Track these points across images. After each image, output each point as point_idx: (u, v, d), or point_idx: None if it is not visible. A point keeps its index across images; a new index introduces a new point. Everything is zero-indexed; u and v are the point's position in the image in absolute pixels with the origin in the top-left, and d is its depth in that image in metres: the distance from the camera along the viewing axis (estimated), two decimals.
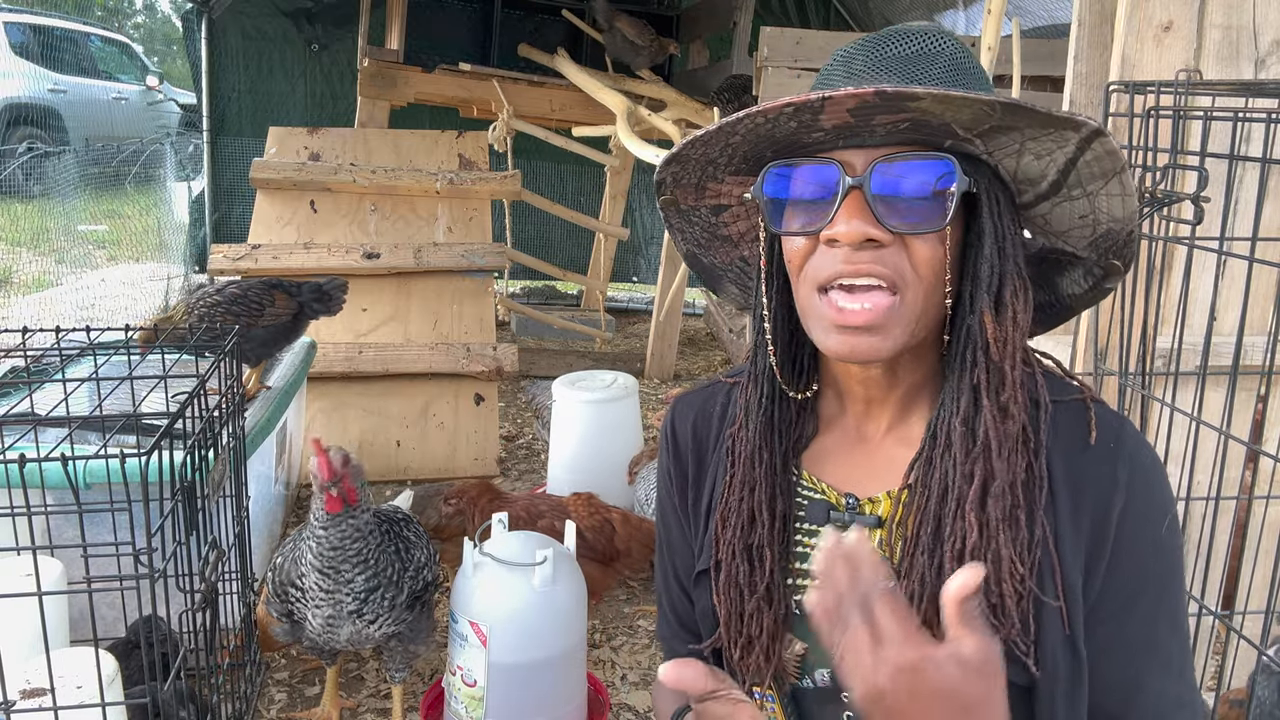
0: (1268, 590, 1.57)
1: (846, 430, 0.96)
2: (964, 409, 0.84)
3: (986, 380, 0.83)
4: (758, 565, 0.92)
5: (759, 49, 3.54)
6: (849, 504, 0.92)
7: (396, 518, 2.10)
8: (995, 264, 0.83)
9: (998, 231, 0.83)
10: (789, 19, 6.08)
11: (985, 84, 0.85)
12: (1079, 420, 0.87)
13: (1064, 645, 0.83)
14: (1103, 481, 0.85)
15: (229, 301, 2.69)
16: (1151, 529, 0.86)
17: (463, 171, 4.32)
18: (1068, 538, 0.84)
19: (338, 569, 1.89)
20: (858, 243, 0.80)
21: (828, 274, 0.82)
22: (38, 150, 6.22)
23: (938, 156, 0.80)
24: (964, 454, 0.83)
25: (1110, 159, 0.77)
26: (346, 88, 5.84)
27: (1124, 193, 0.80)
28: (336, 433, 3.58)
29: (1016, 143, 0.79)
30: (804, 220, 0.83)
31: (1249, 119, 1.59)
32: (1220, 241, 1.57)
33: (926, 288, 0.82)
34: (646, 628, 2.68)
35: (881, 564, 0.76)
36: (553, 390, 3.20)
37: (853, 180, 0.80)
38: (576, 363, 4.93)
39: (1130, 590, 0.85)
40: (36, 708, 1.49)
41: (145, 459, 1.48)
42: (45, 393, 2.37)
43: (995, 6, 2.20)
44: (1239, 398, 1.70)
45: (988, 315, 0.82)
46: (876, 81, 0.81)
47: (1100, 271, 0.88)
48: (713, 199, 0.94)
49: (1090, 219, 0.84)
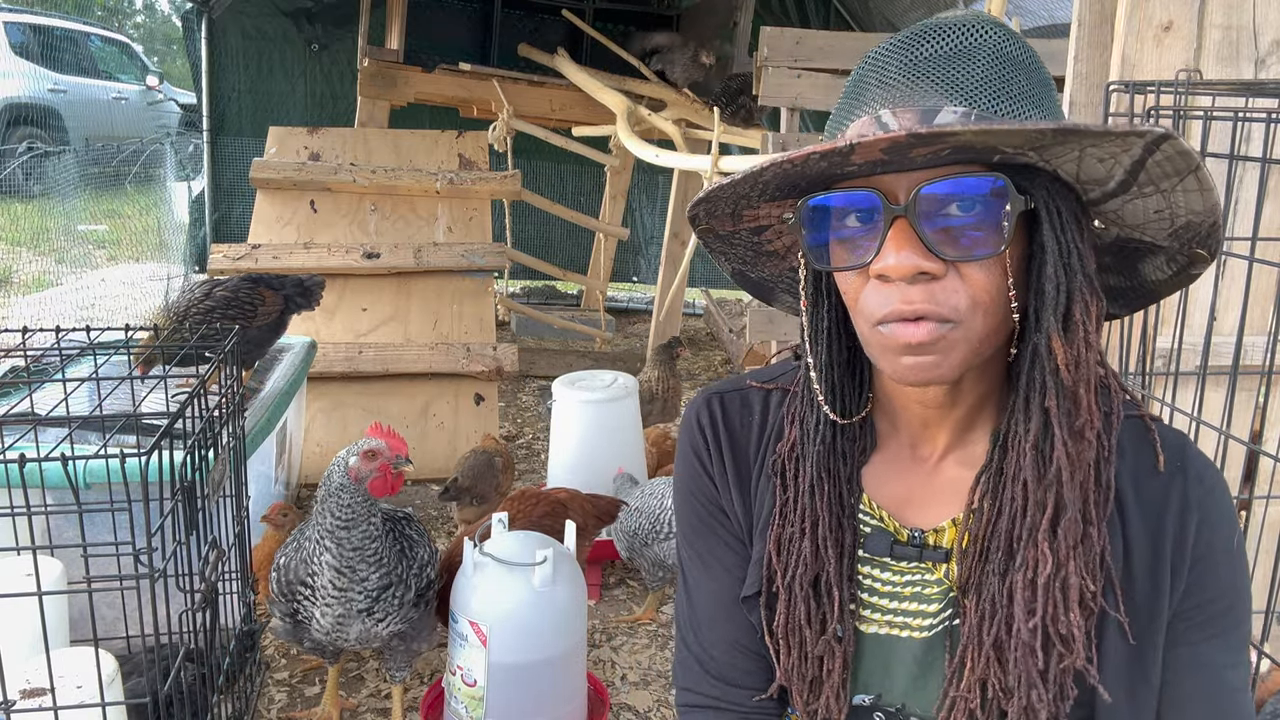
0: (1268, 590, 1.57)
1: (900, 449, 0.91)
2: (1034, 433, 0.79)
3: (1058, 405, 0.78)
4: (826, 603, 0.87)
5: (759, 49, 3.54)
6: (913, 538, 0.88)
7: (397, 516, 2.11)
8: (1061, 281, 0.76)
9: (1061, 247, 0.77)
10: (789, 19, 6.08)
11: (1039, 73, 0.78)
12: (1143, 441, 0.85)
13: (1128, 666, 0.82)
14: (1174, 504, 0.83)
15: (223, 305, 2.65)
16: (1225, 545, 0.85)
17: (463, 171, 4.32)
18: (1144, 560, 0.83)
19: (354, 568, 1.91)
20: (909, 276, 0.75)
21: (883, 312, 0.76)
22: (38, 150, 6.22)
23: (987, 174, 0.74)
24: (1036, 480, 0.79)
25: (1182, 159, 0.71)
26: (346, 88, 5.84)
27: (1202, 188, 0.73)
28: (336, 433, 3.58)
29: (1075, 150, 0.73)
30: (849, 253, 0.78)
31: (1249, 119, 1.59)
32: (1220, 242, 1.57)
33: (987, 313, 0.77)
34: (646, 628, 2.68)
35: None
36: (553, 390, 3.20)
37: (896, 208, 0.74)
38: (576, 363, 4.93)
39: (1215, 606, 0.85)
40: (36, 708, 1.49)
41: (145, 459, 1.48)
42: (45, 393, 2.37)
43: (995, 6, 2.20)
44: (1239, 398, 1.70)
45: (1056, 339, 0.77)
46: (916, 90, 0.76)
47: (1184, 259, 0.82)
48: (750, 222, 0.89)
49: (1167, 213, 0.77)
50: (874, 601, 0.89)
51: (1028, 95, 0.76)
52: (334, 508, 1.90)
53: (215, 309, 2.64)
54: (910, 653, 0.88)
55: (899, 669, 0.88)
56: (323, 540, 1.91)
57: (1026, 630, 0.79)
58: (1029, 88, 0.77)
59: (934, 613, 0.87)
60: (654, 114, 4.34)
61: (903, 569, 0.89)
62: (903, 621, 0.88)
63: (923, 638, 0.88)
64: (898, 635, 0.88)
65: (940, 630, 0.87)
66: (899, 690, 0.89)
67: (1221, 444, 1.58)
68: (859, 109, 0.79)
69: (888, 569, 0.89)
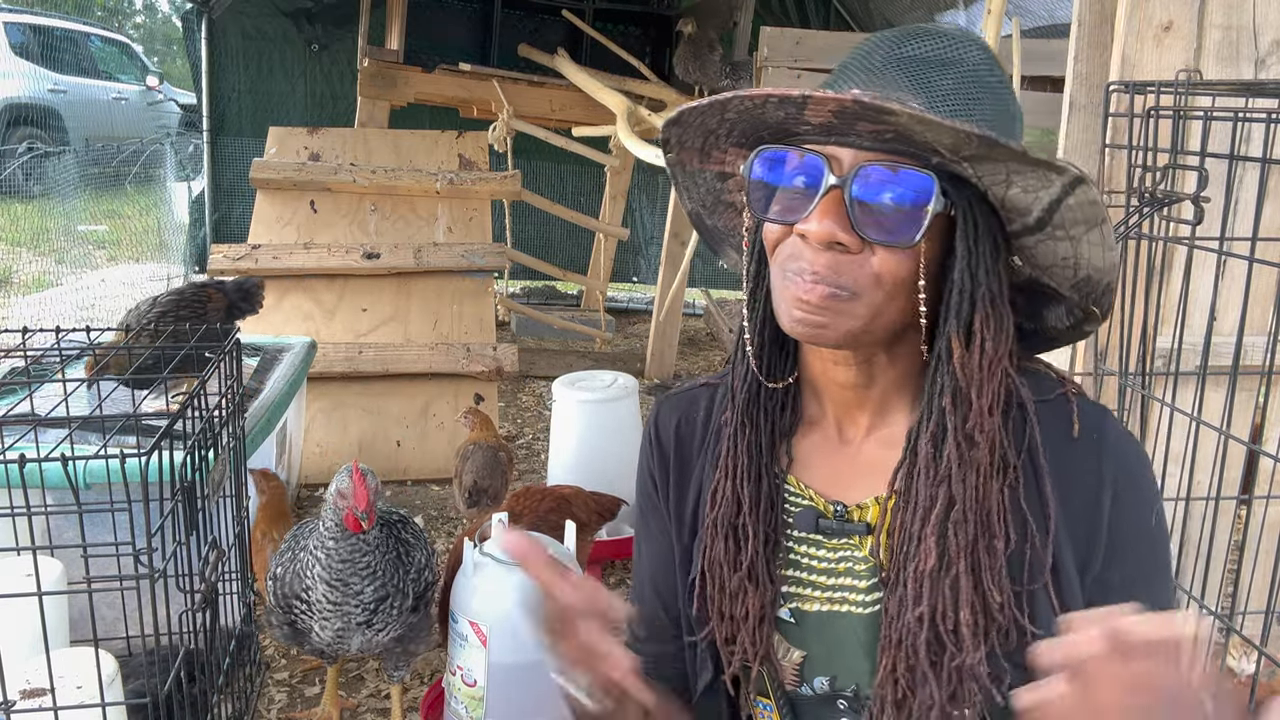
0: (1268, 590, 1.57)
1: (828, 433, 0.96)
2: (932, 428, 0.83)
3: (953, 405, 0.82)
4: (742, 544, 0.92)
5: (759, 49, 3.54)
6: (837, 512, 0.92)
7: (393, 519, 2.09)
8: (966, 289, 0.82)
9: (970, 256, 0.81)
10: (789, 19, 6.08)
11: (1005, 99, 0.83)
12: (1061, 413, 0.87)
13: None
14: (1088, 476, 0.85)
15: (173, 308, 2.58)
16: (1141, 523, 0.86)
17: (463, 171, 4.32)
18: (1061, 539, 0.84)
19: (346, 582, 1.88)
20: (825, 244, 0.80)
21: (793, 265, 0.82)
22: (38, 150, 6.23)
23: (921, 171, 0.78)
24: (929, 475, 0.83)
25: (1091, 208, 0.77)
26: (346, 88, 5.84)
27: (1104, 244, 0.80)
28: (336, 432, 3.58)
29: (1003, 174, 0.78)
30: (785, 208, 0.83)
31: (1249, 119, 1.59)
32: (1220, 241, 1.57)
33: (888, 295, 0.81)
34: None
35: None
36: (553, 390, 3.20)
37: (836, 179, 0.79)
38: (576, 363, 4.93)
39: (1126, 585, 0.85)
40: (36, 708, 1.49)
41: (145, 459, 1.48)
42: (45, 393, 2.37)
43: (995, 6, 2.20)
44: (1239, 398, 1.70)
45: (955, 342, 0.82)
46: (889, 80, 0.80)
47: (1080, 314, 0.88)
48: (717, 165, 0.94)
49: (1072, 261, 0.83)
50: (812, 579, 0.93)
51: (988, 120, 0.80)
52: (326, 518, 1.89)
53: (166, 313, 2.57)
54: (854, 632, 0.91)
55: (846, 648, 0.91)
56: (314, 552, 1.90)
57: (913, 619, 0.82)
58: (991, 114, 0.81)
59: (864, 589, 0.90)
60: (654, 114, 4.33)
61: (834, 545, 0.92)
62: (841, 597, 0.92)
63: (862, 614, 0.91)
64: (838, 611, 0.92)
65: (877, 611, 0.89)
66: (851, 672, 0.91)
67: (1221, 444, 1.58)
68: (837, 85, 0.85)
69: (821, 546, 0.93)
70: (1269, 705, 0.67)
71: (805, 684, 0.93)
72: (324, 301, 3.85)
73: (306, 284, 3.86)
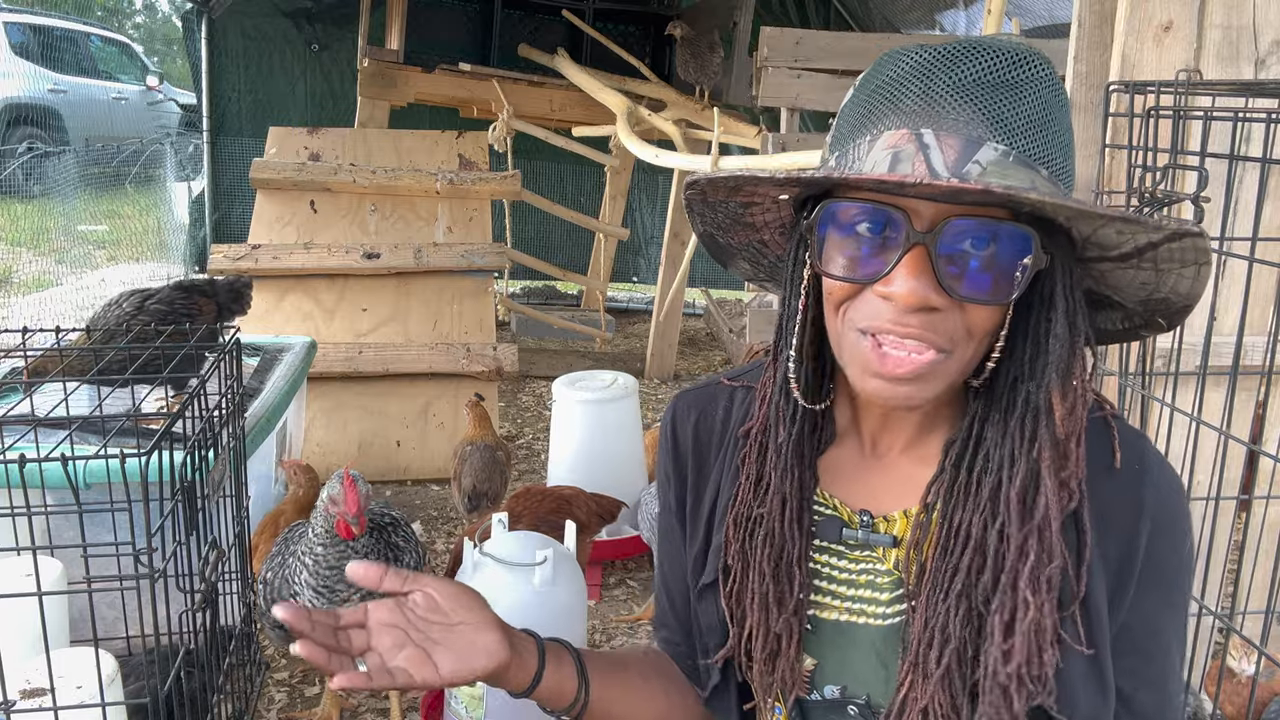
0: (1268, 590, 1.57)
1: (860, 444, 0.93)
2: (1021, 482, 0.79)
3: (1050, 457, 0.78)
4: (787, 584, 0.89)
5: (759, 49, 3.54)
6: (863, 521, 0.90)
7: (383, 522, 2.08)
8: (1065, 340, 0.77)
9: (1069, 306, 0.77)
10: (789, 19, 6.08)
11: (1069, 120, 0.78)
12: (1101, 440, 0.85)
13: (1088, 675, 0.82)
14: (1128, 507, 0.83)
15: (159, 319, 2.32)
16: (1176, 555, 0.84)
17: (463, 171, 4.31)
18: (1094, 563, 0.82)
19: (333, 588, 1.86)
20: (916, 307, 0.74)
21: (874, 325, 0.77)
22: (38, 150, 6.22)
23: (1018, 226, 0.74)
24: (1018, 526, 0.78)
25: (1197, 253, 0.73)
26: (346, 88, 5.84)
27: (1197, 279, 0.76)
28: (336, 432, 3.58)
29: (1099, 221, 0.74)
30: (853, 263, 0.77)
31: (1249, 119, 1.58)
32: (1220, 242, 1.57)
33: (977, 347, 0.78)
34: (646, 627, 2.68)
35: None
36: (553, 390, 3.20)
37: (919, 235, 0.73)
38: (576, 363, 4.93)
39: (1158, 616, 0.85)
40: (36, 708, 1.49)
41: (145, 459, 1.48)
42: (45, 393, 2.36)
43: (995, 6, 2.20)
44: (1239, 398, 1.70)
45: (1057, 395, 0.77)
46: (956, 112, 0.73)
47: (1140, 321, 0.85)
48: (744, 198, 0.89)
49: (1151, 286, 0.79)
50: (831, 588, 0.92)
51: (1059, 141, 0.76)
52: (316, 525, 1.88)
53: (150, 324, 2.30)
54: (870, 641, 0.90)
55: (861, 658, 0.90)
56: (303, 558, 1.89)
57: (1004, 674, 0.79)
58: (1062, 133, 0.77)
59: (885, 601, 0.89)
60: (654, 114, 4.34)
61: (856, 557, 0.91)
62: (859, 609, 0.90)
63: (879, 626, 0.89)
64: (855, 622, 0.91)
65: (896, 623, 0.88)
66: (863, 681, 0.90)
67: (1221, 444, 1.58)
68: (893, 115, 0.76)
69: (843, 557, 0.92)
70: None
71: (815, 690, 0.93)
72: (324, 301, 3.85)
73: (306, 284, 3.86)
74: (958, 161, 0.72)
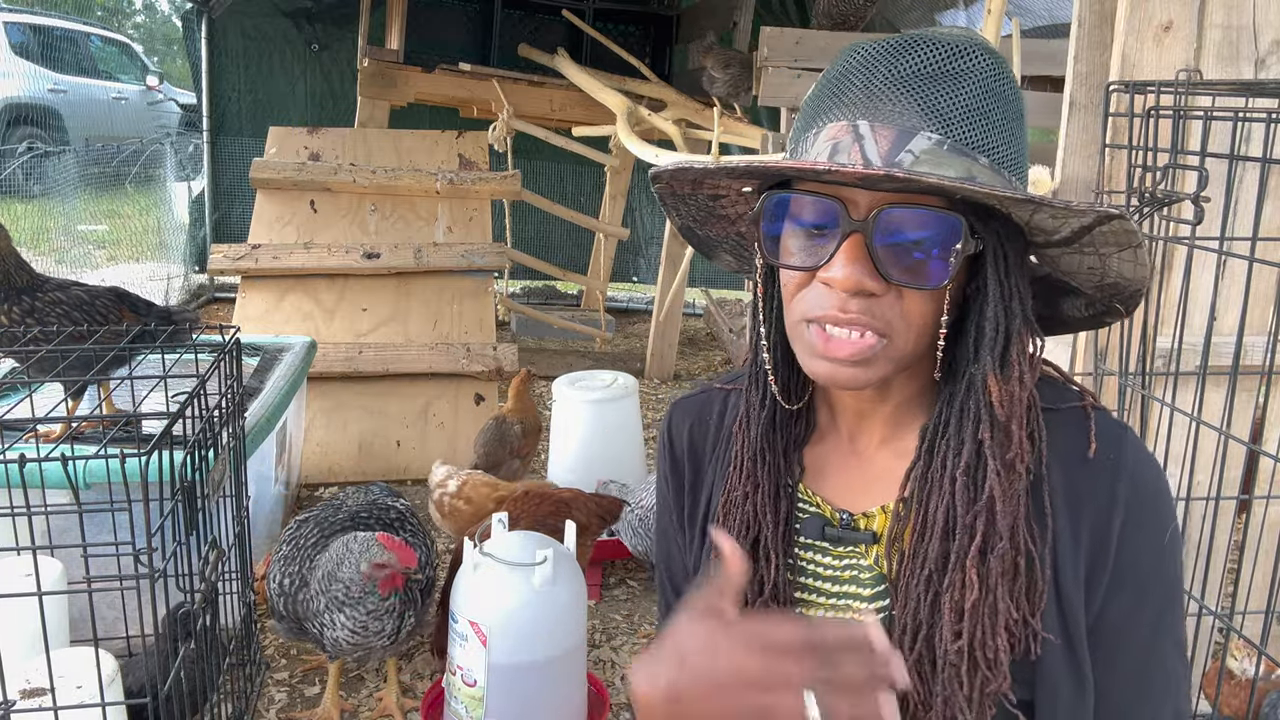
0: (1268, 590, 1.58)
1: (839, 442, 0.95)
2: (966, 460, 0.81)
3: (991, 437, 0.80)
4: (764, 565, 0.91)
5: (759, 49, 3.54)
6: (843, 520, 0.92)
7: (389, 518, 2.10)
8: (1000, 323, 0.80)
9: (1003, 290, 0.80)
10: (789, 19, 6.07)
11: (1015, 105, 0.80)
12: (1079, 429, 0.85)
13: (1065, 666, 0.82)
14: (1101, 497, 0.83)
15: (74, 305, 2.19)
16: (1152, 548, 0.84)
17: (463, 171, 4.31)
18: (1067, 554, 0.83)
19: (367, 626, 1.99)
20: (852, 290, 0.78)
21: (818, 313, 0.80)
22: (38, 150, 6.22)
23: (947, 212, 0.76)
24: (965, 506, 0.80)
25: (1127, 235, 0.76)
26: (346, 88, 5.84)
27: (1136, 261, 0.78)
28: (336, 432, 3.57)
29: (1031, 206, 0.77)
30: (800, 253, 0.81)
31: (1249, 119, 1.59)
32: (1220, 241, 1.57)
33: (917, 333, 0.80)
34: (646, 627, 2.68)
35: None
36: (553, 390, 3.20)
37: (855, 223, 0.77)
38: (576, 363, 4.93)
39: (1133, 610, 0.84)
40: (36, 708, 1.49)
41: (145, 459, 1.48)
42: (45, 393, 2.37)
43: (995, 6, 2.20)
44: (1239, 398, 1.70)
45: (992, 377, 0.80)
46: (894, 104, 0.77)
47: (1102, 308, 0.87)
48: (709, 190, 0.93)
49: (1099, 271, 0.82)
50: (817, 585, 0.93)
51: (1001, 129, 0.78)
52: (352, 585, 1.97)
53: (63, 303, 2.19)
54: None
55: None
56: (334, 613, 1.98)
57: (953, 652, 0.80)
58: (1004, 121, 0.79)
59: (869, 596, 0.90)
60: (654, 114, 4.33)
61: (840, 553, 0.92)
62: (844, 605, 0.91)
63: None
64: (841, 618, 0.91)
65: (881, 618, 0.88)
66: None
67: (1221, 444, 1.59)
68: (836, 109, 0.80)
69: (827, 554, 0.93)
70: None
71: None
72: (324, 301, 3.85)
73: (306, 284, 3.86)
74: (890, 151, 0.76)
